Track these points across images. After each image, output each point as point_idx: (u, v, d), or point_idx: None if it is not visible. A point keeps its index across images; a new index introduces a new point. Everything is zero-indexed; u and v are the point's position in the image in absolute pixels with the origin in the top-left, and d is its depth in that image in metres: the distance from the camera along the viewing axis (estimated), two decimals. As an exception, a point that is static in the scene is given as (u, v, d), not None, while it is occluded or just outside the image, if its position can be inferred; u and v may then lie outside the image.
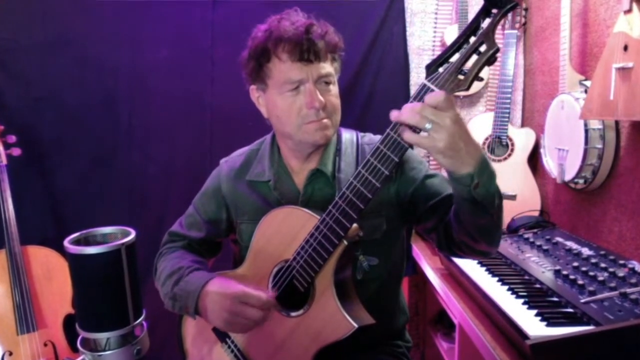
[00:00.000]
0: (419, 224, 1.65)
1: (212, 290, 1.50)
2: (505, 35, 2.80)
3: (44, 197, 2.83)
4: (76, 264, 1.26)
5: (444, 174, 1.36)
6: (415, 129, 1.19)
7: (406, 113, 1.18)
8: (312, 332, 1.43)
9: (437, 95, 1.16)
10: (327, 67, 1.55)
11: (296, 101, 1.53)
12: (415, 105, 1.16)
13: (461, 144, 1.17)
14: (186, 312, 1.58)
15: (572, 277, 1.71)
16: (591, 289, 1.60)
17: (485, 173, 1.23)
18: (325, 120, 1.55)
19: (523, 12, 2.84)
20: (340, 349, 1.40)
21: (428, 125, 1.15)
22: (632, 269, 1.70)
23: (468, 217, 1.33)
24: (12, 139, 2.59)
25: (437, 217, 1.53)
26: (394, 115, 1.21)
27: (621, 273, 1.66)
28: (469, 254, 1.49)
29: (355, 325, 1.36)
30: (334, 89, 1.59)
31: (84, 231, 1.34)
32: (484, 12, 1.18)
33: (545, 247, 2.05)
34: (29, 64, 2.76)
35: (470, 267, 1.98)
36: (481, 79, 1.20)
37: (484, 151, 1.25)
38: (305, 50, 1.49)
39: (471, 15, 2.84)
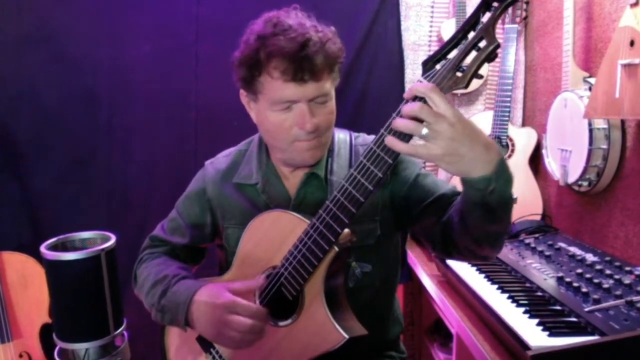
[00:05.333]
0: (413, 226, 1.64)
1: (201, 300, 1.49)
2: (505, 30, 2.81)
3: (19, 200, 2.80)
4: (53, 270, 1.26)
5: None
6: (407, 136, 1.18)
7: (400, 121, 1.17)
8: (301, 343, 1.43)
9: (429, 87, 1.15)
10: (324, 85, 1.49)
11: (287, 119, 1.50)
12: (414, 106, 1.14)
13: (463, 149, 1.15)
14: (176, 324, 1.57)
15: (575, 284, 1.71)
16: (596, 297, 1.60)
17: (503, 177, 1.21)
18: (315, 141, 1.53)
19: (524, 6, 2.85)
20: (331, 360, 1.40)
21: (424, 131, 1.14)
22: (639, 276, 1.71)
23: (478, 222, 1.30)
24: (-14, 139, 2.59)
25: (432, 218, 1.52)
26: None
27: (627, 280, 1.66)
28: (469, 258, 1.50)
29: (346, 336, 1.35)
30: (330, 104, 1.54)
31: (62, 236, 1.34)
32: (483, 6, 1.17)
33: (547, 253, 2.06)
34: (4, 60, 2.74)
35: (469, 274, 1.99)
36: (480, 77, 1.19)
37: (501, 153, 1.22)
38: (300, 69, 1.42)
39: (469, 9, 2.85)
